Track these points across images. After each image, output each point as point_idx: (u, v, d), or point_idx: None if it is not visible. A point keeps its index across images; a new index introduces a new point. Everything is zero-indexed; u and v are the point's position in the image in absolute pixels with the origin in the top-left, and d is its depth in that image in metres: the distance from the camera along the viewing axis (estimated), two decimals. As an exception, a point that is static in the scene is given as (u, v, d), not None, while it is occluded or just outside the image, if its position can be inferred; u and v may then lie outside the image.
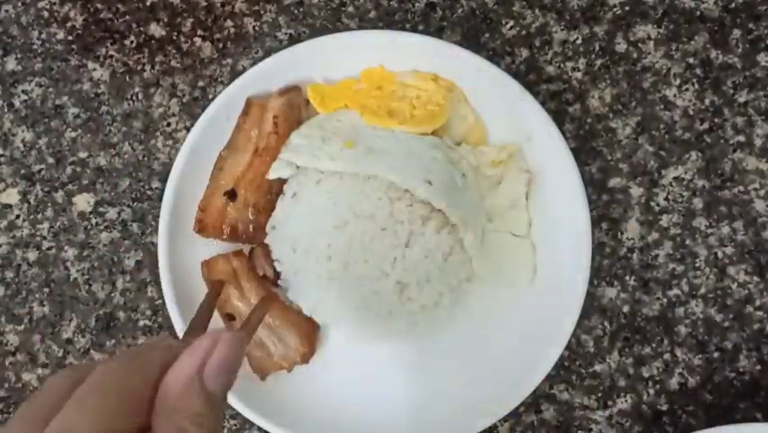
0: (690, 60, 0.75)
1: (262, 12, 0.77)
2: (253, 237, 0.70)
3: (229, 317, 0.69)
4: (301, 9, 0.77)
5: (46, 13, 0.78)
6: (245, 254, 0.70)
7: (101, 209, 0.75)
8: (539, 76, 0.75)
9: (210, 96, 0.76)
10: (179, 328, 0.67)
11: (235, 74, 0.76)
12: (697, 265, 0.73)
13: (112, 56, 0.77)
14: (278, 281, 0.70)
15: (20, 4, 0.78)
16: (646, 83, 0.75)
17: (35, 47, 0.77)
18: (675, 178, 0.74)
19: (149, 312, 0.74)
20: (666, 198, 0.74)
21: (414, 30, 0.76)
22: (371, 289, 0.67)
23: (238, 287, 0.69)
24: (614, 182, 0.74)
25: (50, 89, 0.77)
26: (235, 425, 0.73)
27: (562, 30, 0.76)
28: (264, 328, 0.69)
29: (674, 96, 0.75)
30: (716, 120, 0.74)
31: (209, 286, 0.69)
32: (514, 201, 0.71)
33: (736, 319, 0.72)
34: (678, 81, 0.75)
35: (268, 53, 0.76)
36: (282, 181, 0.70)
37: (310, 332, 0.70)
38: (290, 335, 0.69)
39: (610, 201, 0.74)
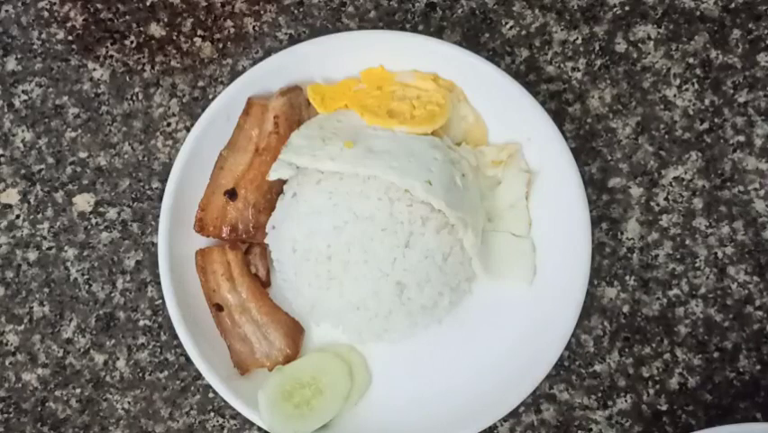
0: (690, 60, 0.75)
1: (262, 12, 0.77)
2: (253, 237, 0.70)
3: (218, 308, 0.69)
4: (301, 9, 0.77)
5: (46, 13, 0.78)
6: (241, 248, 0.70)
7: (101, 209, 0.75)
8: (539, 76, 0.75)
9: (210, 96, 0.76)
10: (179, 328, 0.67)
11: (235, 74, 0.76)
12: (697, 265, 0.73)
13: (112, 56, 0.77)
14: (269, 282, 0.71)
15: (20, 4, 0.78)
16: (646, 83, 0.75)
17: (35, 47, 0.77)
18: (675, 178, 0.74)
19: (149, 312, 0.74)
20: (666, 198, 0.74)
21: (414, 30, 0.76)
22: (371, 289, 0.67)
23: (230, 279, 0.69)
24: (614, 182, 0.74)
25: (50, 89, 0.77)
26: (235, 425, 0.73)
27: (562, 30, 0.76)
28: (250, 324, 0.69)
29: (674, 96, 0.75)
30: (716, 120, 0.75)
31: (201, 276, 0.69)
32: (514, 201, 0.71)
33: (735, 319, 0.72)
34: (678, 81, 0.75)
35: (268, 53, 0.76)
36: (282, 181, 0.70)
37: (296, 334, 0.70)
38: (276, 334, 0.69)
39: (610, 201, 0.74)
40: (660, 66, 0.75)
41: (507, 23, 0.76)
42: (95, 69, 0.77)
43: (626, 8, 0.76)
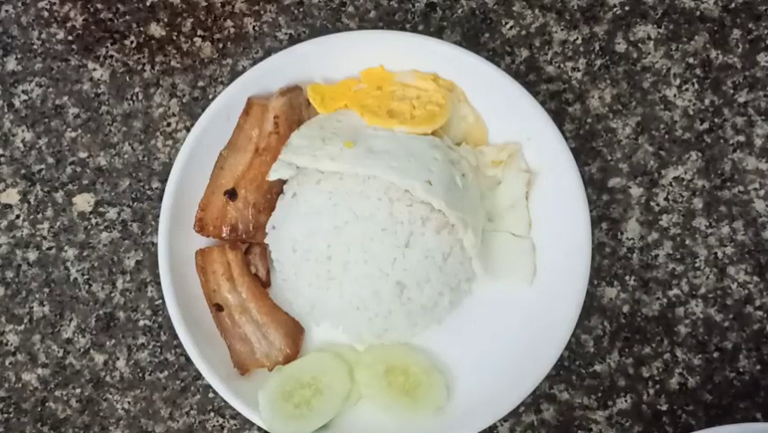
0: (690, 60, 0.75)
1: (262, 12, 0.77)
2: (253, 237, 0.70)
3: (218, 308, 0.69)
4: (301, 9, 0.77)
5: (46, 13, 0.78)
6: (240, 248, 0.70)
7: (101, 209, 0.75)
8: (539, 76, 0.75)
9: (210, 96, 0.76)
10: (179, 328, 0.67)
11: (235, 74, 0.76)
12: (697, 265, 0.73)
13: (112, 56, 0.77)
14: (269, 282, 0.71)
15: (20, 4, 0.78)
16: (646, 83, 0.75)
17: (35, 47, 0.77)
18: (675, 178, 0.74)
19: (149, 312, 0.74)
20: (666, 198, 0.74)
21: (414, 30, 0.76)
22: (371, 289, 0.67)
23: (230, 279, 0.69)
24: (614, 182, 0.74)
25: (50, 89, 0.77)
26: (235, 425, 0.73)
27: (562, 30, 0.76)
28: (250, 324, 0.69)
29: (674, 96, 0.75)
30: (716, 120, 0.75)
31: (201, 276, 0.69)
32: (514, 201, 0.71)
33: (735, 319, 0.72)
34: (678, 81, 0.75)
35: (268, 53, 0.76)
36: (282, 181, 0.70)
37: (296, 334, 0.70)
38: (276, 334, 0.69)
39: (610, 201, 0.74)
40: (660, 66, 0.75)
41: (507, 23, 0.76)
42: (95, 69, 0.77)
43: (626, 8, 0.76)
